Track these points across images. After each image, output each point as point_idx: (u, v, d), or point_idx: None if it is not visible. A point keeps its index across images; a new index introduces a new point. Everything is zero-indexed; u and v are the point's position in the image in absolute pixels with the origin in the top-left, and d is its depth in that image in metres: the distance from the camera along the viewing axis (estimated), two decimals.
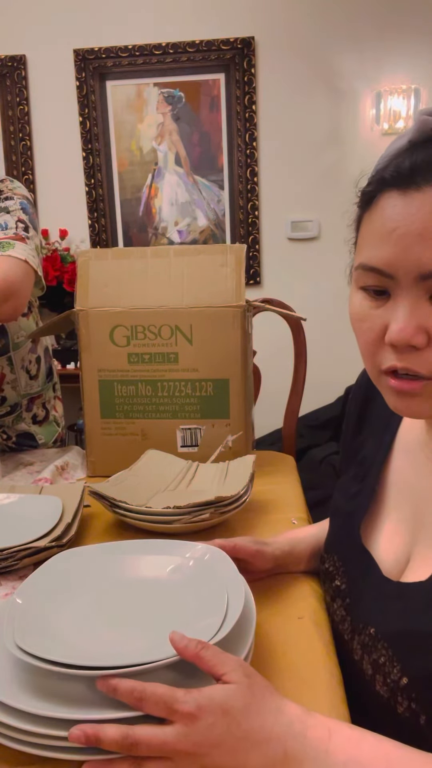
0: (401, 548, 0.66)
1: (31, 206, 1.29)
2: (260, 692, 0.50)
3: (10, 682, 0.54)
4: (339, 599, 0.70)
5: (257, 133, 2.99)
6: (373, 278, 0.56)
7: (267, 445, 2.57)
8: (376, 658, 0.61)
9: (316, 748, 0.48)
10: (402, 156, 0.56)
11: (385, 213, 0.55)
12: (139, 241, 3.10)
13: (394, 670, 0.58)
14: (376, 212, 0.56)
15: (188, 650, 0.51)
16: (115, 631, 0.60)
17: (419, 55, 2.86)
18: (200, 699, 0.47)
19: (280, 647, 0.66)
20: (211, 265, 1.15)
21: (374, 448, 0.75)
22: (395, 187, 0.54)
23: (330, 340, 2.66)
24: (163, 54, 2.92)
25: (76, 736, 0.46)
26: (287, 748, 0.48)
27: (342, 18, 2.87)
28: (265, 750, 0.48)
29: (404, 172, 0.54)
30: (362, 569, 0.67)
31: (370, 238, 0.57)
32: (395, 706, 0.58)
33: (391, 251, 0.54)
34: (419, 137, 0.56)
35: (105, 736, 0.46)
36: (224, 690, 0.49)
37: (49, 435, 1.46)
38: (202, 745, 0.47)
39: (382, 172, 0.57)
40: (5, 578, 0.82)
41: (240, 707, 0.48)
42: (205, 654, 0.51)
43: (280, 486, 1.13)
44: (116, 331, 1.15)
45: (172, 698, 0.47)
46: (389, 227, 0.54)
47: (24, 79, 2.99)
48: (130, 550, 0.74)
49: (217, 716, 0.47)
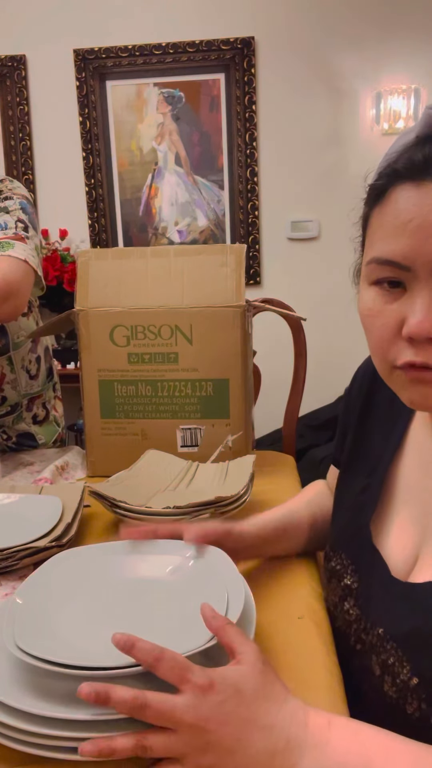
0: (409, 548, 0.65)
1: (30, 206, 1.29)
2: (270, 679, 0.51)
3: (10, 682, 0.54)
4: (351, 598, 0.69)
5: (257, 133, 2.99)
6: (389, 271, 0.55)
7: (267, 445, 2.56)
8: (385, 658, 0.61)
9: (317, 737, 0.49)
10: (412, 150, 0.55)
11: (399, 205, 0.54)
12: (139, 241, 3.10)
13: (404, 671, 0.58)
14: (388, 205, 0.55)
15: (215, 621, 0.52)
16: (115, 631, 0.60)
17: (419, 55, 2.86)
18: (214, 675, 0.49)
19: (280, 647, 0.66)
20: (211, 265, 1.15)
21: (382, 443, 0.74)
22: (409, 179, 0.54)
23: (330, 340, 2.66)
24: (163, 54, 2.92)
25: (86, 692, 0.47)
26: (290, 736, 0.49)
27: (342, 18, 2.87)
28: (269, 735, 0.48)
29: (418, 164, 0.53)
30: (371, 568, 0.67)
31: (383, 231, 0.56)
32: (405, 707, 0.58)
33: (407, 243, 0.53)
34: (427, 131, 0.55)
35: (116, 695, 0.47)
36: (238, 671, 0.50)
37: (49, 435, 1.46)
38: (209, 720, 0.47)
39: (394, 165, 0.56)
40: (5, 578, 0.82)
41: (251, 689, 0.49)
42: (230, 629, 0.52)
43: (280, 486, 1.13)
44: (116, 331, 1.15)
45: (188, 668, 0.48)
46: (404, 219, 0.53)
47: (24, 79, 2.99)
48: (130, 550, 0.74)
49: (228, 694, 0.48)
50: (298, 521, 0.85)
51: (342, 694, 0.61)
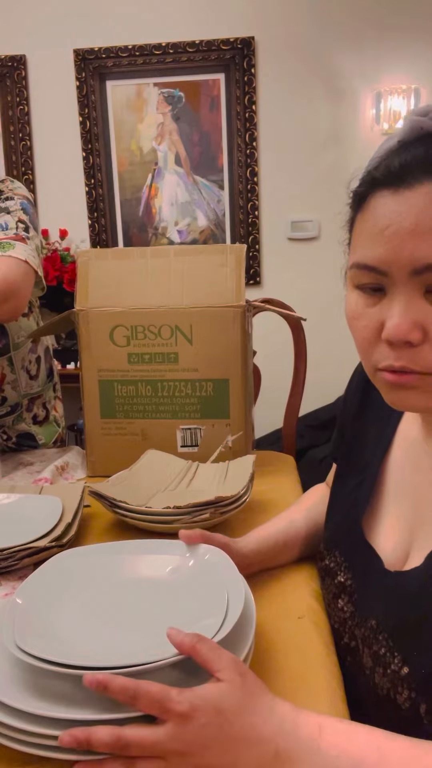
0: (401, 543, 0.66)
1: (31, 207, 1.29)
2: (252, 692, 0.50)
3: (10, 682, 0.54)
4: (345, 595, 0.69)
5: (257, 133, 2.99)
6: (368, 276, 0.57)
7: (267, 445, 2.56)
8: (377, 649, 0.61)
9: (307, 746, 0.49)
10: (392, 156, 0.56)
11: (377, 212, 0.55)
12: (139, 241, 3.10)
13: (395, 660, 0.59)
14: (368, 212, 0.57)
15: (185, 644, 0.51)
16: (115, 631, 0.60)
17: (419, 55, 2.86)
18: (193, 699, 0.48)
19: (280, 647, 0.66)
20: (211, 265, 1.15)
21: (375, 440, 0.75)
22: (386, 187, 0.55)
23: (330, 340, 2.65)
24: (163, 54, 2.92)
25: (66, 741, 0.47)
26: (278, 748, 0.48)
27: (342, 18, 2.86)
28: (257, 750, 0.48)
29: (395, 171, 0.55)
30: (365, 564, 0.68)
31: (364, 237, 0.57)
32: (395, 698, 0.58)
33: (384, 249, 0.54)
34: (409, 137, 0.57)
35: (95, 739, 0.46)
36: (217, 689, 0.49)
37: (50, 435, 1.46)
38: (194, 744, 0.47)
39: (373, 173, 0.57)
40: (5, 578, 0.82)
41: (233, 707, 0.48)
42: (201, 648, 0.51)
43: (280, 486, 1.13)
44: (116, 331, 1.15)
45: (166, 697, 0.47)
46: (381, 225, 0.54)
47: (24, 79, 2.99)
48: (130, 550, 0.74)
49: (210, 716, 0.47)
50: (296, 533, 0.85)
51: (342, 693, 0.61)
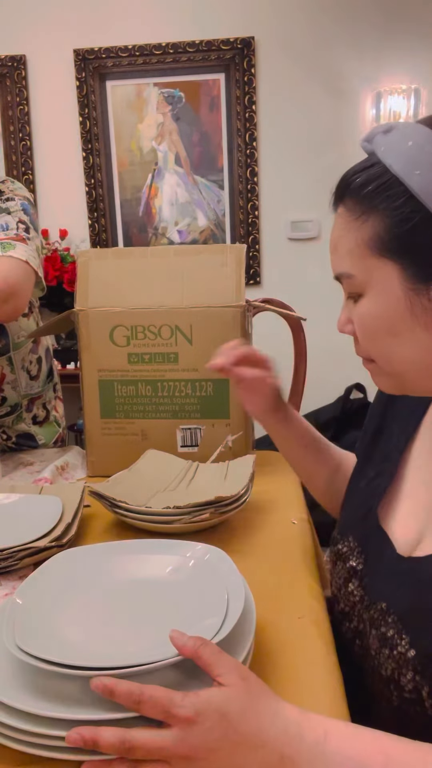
0: (415, 529, 0.67)
1: (32, 207, 1.29)
2: (256, 695, 0.50)
3: (10, 682, 0.54)
4: (356, 579, 0.71)
5: (257, 133, 2.99)
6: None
7: (267, 445, 2.55)
8: (384, 631, 0.62)
9: (312, 751, 0.48)
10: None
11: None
12: (139, 241, 3.10)
13: (402, 642, 0.59)
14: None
15: (187, 648, 0.51)
16: (116, 631, 0.60)
17: (419, 55, 2.86)
18: (198, 703, 0.48)
19: (280, 647, 0.66)
20: (211, 265, 1.15)
21: (399, 433, 0.76)
22: (334, 205, 0.67)
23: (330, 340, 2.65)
24: (163, 54, 2.92)
25: (73, 739, 0.47)
26: (283, 753, 0.48)
27: (342, 18, 2.86)
28: (262, 754, 0.48)
29: (334, 194, 0.66)
30: (377, 548, 0.69)
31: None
32: (399, 678, 0.59)
33: (331, 260, 0.67)
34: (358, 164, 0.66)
35: (102, 739, 0.47)
36: (221, 693, 0.49)
37: (50, 435, 1.46)
38: (199, 749, 0.47)
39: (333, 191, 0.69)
40: (5, 578, 0.82)
41: (237, 711, 0.48)
42: (203, 652, 0.51)
43: (280, 486, 1.13)
44: (116, 331, 1.15)
45: (170, 702, 0.47)
46: (330, 240, 0.67)
47: (24, 79, 2.99)
48: (130, 550, 0.74)
49: (215, 721, 0.47)
50: (330, 455, 0.92)
51: (342, 693, 0.61)
